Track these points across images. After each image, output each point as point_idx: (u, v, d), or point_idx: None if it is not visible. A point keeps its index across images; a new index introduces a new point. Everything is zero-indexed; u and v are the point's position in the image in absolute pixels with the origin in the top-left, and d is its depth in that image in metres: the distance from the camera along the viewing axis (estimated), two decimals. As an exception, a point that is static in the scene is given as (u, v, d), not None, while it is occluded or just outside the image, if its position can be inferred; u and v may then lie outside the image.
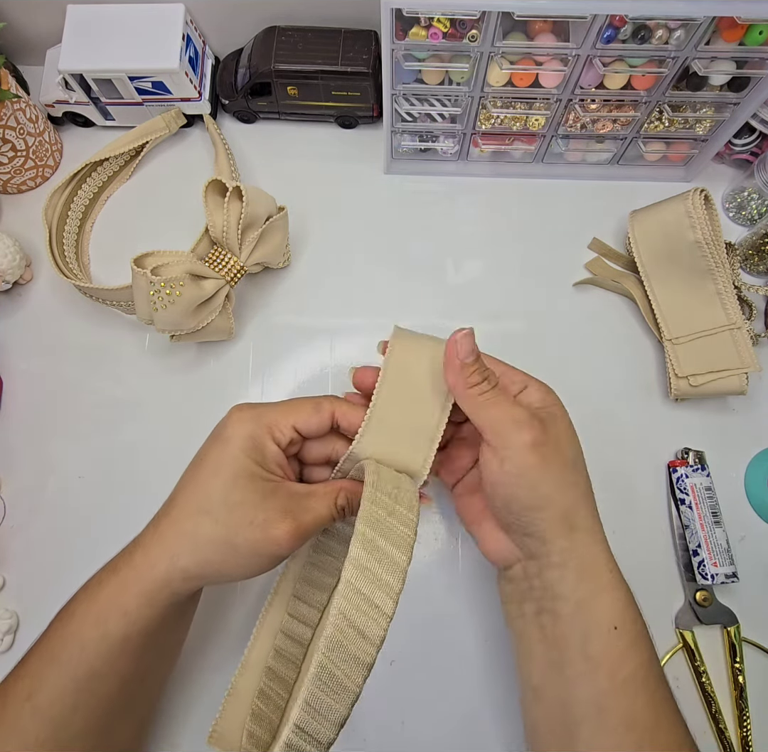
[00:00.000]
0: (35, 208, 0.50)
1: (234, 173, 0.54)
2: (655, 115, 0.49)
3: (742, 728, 0.42)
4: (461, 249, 0.54)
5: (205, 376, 0.50)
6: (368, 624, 0.24)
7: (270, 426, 0.34)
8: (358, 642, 0.23)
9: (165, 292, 0.42)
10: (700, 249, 0.47)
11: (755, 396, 0.49)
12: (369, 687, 0.43)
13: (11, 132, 0.49)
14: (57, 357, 0.51)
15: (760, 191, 0.52)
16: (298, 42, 0.51)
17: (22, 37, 0.55)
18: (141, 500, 0.47)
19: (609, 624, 0.32)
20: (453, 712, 0.43)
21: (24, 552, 0.46)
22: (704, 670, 0.43)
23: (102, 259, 0.54)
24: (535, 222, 0.54)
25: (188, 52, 0.51)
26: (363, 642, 0.23)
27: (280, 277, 0.53)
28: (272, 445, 0.34)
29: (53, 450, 0.49)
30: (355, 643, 0.23)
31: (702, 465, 0.46)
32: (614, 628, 0.32)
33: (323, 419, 0.35)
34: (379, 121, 0.52)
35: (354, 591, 0.24)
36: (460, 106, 0.48)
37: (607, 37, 0.41)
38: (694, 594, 0.44)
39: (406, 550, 0.26)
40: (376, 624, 0.24)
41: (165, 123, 0.54)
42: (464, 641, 0.44)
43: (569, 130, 0.51)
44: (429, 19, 0.41)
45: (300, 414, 0.35)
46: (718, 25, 0.40)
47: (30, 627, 0.44)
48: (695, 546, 0.44)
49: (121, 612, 0.32)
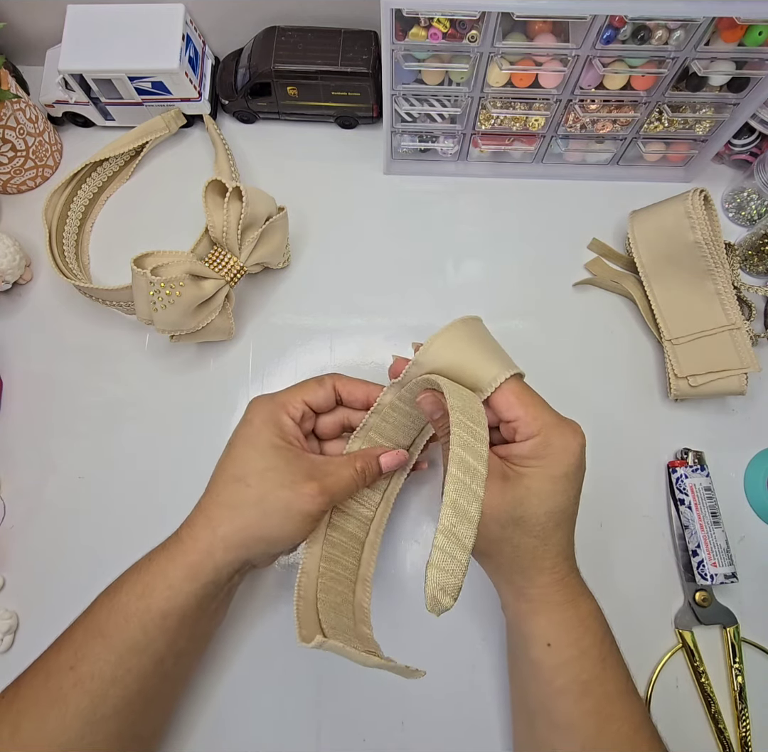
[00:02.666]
0: (35, 208, 0.50)
1: (234, 173, 0.54)
2: (654, 115, 0.49)
3: (741, 728, 0.42)
4: (461, 249, 0.54)
5: (205, 376, 0.50)
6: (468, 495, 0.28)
7: (284, 403, 0.39)
8: (469, 496, 0.28)
9: (165, 292, 0.42)
10: (700, 249, 0.47)
11: (755, 397, 0.49)
12: (369, 687, 0.43)
13: (11, 132, 0.49)
14: (57, 357, 0.51)
15: (759, 191, 0.52)
16: (298, 42, 0.51)
17: (22, 37, 0.55)
18: (141, 500, 0.47)
19: (543, 640, 0.36)
20: (453, 712, 0.43)
21: (24, 552, 0.46)
22: (704, 670, 0.43)
23: (102, 259, 0.54)
24: (534, 222, 0.54)
25: (188, 52, 0.51)
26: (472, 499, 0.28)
27: (280, 277, 0.53)
28: (288, 419, 0.38)
29: (53, 450, 0.49)
30: (467, 495, 0.28)
31: (701, 466, 0.46)
32: (548, 645, 0.36)
33: (327, 391, 0.40)
34: (379, 121, 0.52)
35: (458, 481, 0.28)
36: (460, 106, 0.48)
37: (607, 38, 0.41)
38: (693, 594, 0.45)
39: (484, 463, 0.29)
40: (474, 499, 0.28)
41: (165, 123, 0.54)
42: (464, 640, 0.44)
43: (569, 131, 0.51)
44: (429, 20, 0.41)
45: (307, 390, 0.40)
46: (718, 26, 0.40)
47: (30, 627, 0.44)
48: (695, 547, 0.44)
49: (166, 585, 0.34)
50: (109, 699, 0.34)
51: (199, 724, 0.43)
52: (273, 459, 0.36)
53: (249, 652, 0.44)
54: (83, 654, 0.34)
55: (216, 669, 0.43)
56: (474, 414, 0.31)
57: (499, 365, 0.36)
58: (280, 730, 0.43)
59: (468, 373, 0.35)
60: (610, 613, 0.45)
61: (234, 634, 0.44)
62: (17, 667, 0.35)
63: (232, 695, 0.43)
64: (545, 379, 0.50)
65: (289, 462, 0.37)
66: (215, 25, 0.54)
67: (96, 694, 0.33)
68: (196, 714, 0.43)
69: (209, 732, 0.42)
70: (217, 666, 0.43)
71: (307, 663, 0.44)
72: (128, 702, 0.34)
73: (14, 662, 0.41)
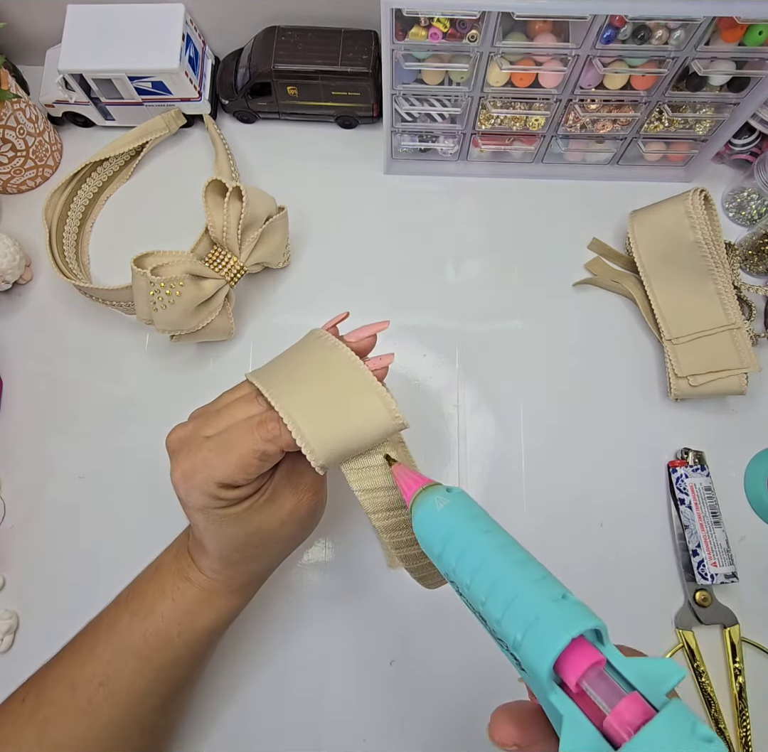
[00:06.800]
0: (35, 208, 0.50)
1: (234, 173, 0.54)
2: (655, 115, 0.49)
3: (741, 728, 0.42)
4: (461, 249, 0.54)
5: (205, 375, 0.50)
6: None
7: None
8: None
9: (165, 292, 0.42)
10: (700, 249, 0.47)
11: (755, 397, 0.49)
12: (369, 687, 0.43)
13: (11, 132, 0.49)
14: (57, 357, 0.51)
15: (759, 191, 0.52)
16: (298, 42, 0.51)
17: (22, 37, 0.55)
18: (141, 500, 0.47)
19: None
20: (453, 712, 0.43)
21: (24, 552, 0.46)
22: (704, 670, 0.43)
23: (102, 259, 0.54)
24: (534, 222, 0.54)
25: (188, 52, 0.51)
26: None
27: (280, 277, 0.53)
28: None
29: (53, 450, 0.49)
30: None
31: (702, 466, 0.46)
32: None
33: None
34: (379, 121, 0.52)
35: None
36: (460, 106, 0.48)
37: (607, 38, 0.41)
38: (693, 594, 0.45)
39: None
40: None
41: (165, 123, 0.54)
42: (464, 640, 0.44)
43: (569, 130, 0.51)
44: (429, 19, 0.41)
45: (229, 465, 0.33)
46: (718, 26, 0.40)
47: (30, 627, 0.45)
48: (695, 546, 0.44)
49: (212, 609, 0.36)
50: (145, 706, 0.34)
51: (199, 724, 0.43)
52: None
53: (249, 652, 0.44)
54: (115, 673, 0.33)
55: (216, 669, 0.43)
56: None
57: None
58: (281, 730, 0.43)
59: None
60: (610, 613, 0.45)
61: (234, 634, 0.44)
62: (17, 667, 0.35)
63: (232, 695, 0.43)
64: (545, 379, 0.50)
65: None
66: (215, 25, 0.54)
67: (131, 705, 0.34)
68: (195, 714, 0.43)
69: (209, 732, 0.43)
70: (217, 665, 0.43)
71: (307, 662, 0.44)
72: (164, 703, 0.35)
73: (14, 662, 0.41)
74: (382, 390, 0.31)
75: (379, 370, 0.33)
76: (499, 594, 0.23)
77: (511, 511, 0.47)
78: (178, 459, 0.32)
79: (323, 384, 0.32)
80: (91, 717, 0.33)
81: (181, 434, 0.33)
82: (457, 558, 0.25)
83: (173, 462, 0.32)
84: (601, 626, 0.21)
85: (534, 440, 0.48)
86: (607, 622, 0.21)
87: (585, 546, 0.46)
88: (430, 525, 0.27)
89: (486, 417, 0.49)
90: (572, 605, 0.21)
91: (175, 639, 0.34)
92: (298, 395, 0.31)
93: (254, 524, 0.33)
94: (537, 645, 0.21)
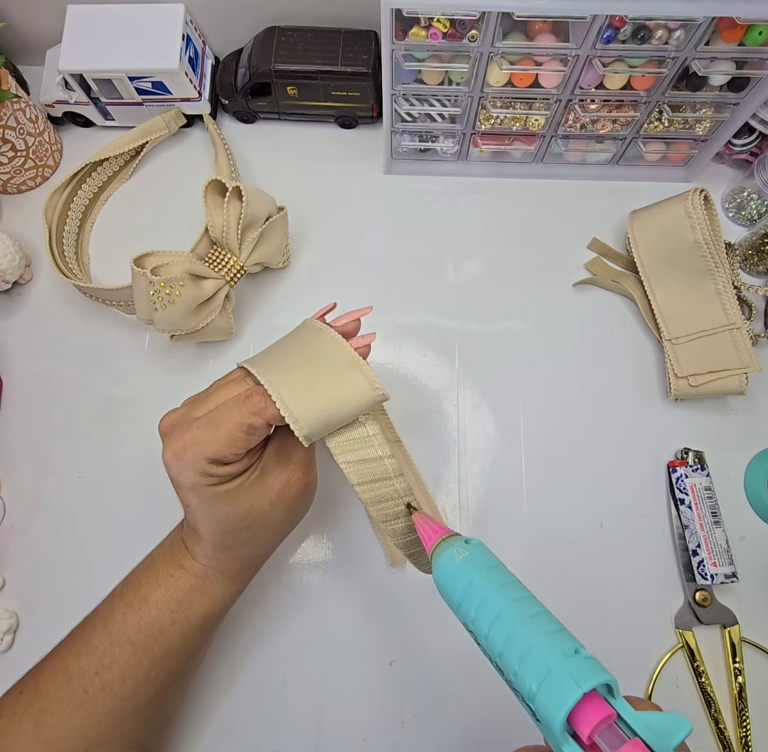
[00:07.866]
0: (35, 208, 0.50)
1: (234, 173, 0.54)
2: (654, 115, 0.49)
3: (741, 728, 0.42)
4: (461, 249, 0.54)
5: (205, 375, 0.50)
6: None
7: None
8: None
9: (165, 292, 0.42)
10: (700, 249, 0.47)
11: (755, 397, 0.49)
12: (369, 687, 0.43)
13: (11, 132, 0.49)
14: (57, 357, 0.51)
15: (759, 191, 0.52)
16: (298, 42, 0.51)
17: (22, 37, 0.55)
18: (140, 500, 0.47)
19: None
20: (453, 712, 0.43)
21: (24, 552, 0.46)
22: (704, 670, 0.43)
23: (102, 259, 0.54)
24: (535, 222, 0.54)
25: (188, 52, 0.51)
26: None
27: (280, 277, 0.53)
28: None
29: (53, 450, 0.49)
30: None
31: (702, 466, 0.46)
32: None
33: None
34: (379, 121, 0.52)
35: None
36: (460, 106, 0.48)
37: (607, 38, 0.41)
38: (693, 594, 0.45)
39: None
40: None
41: (165, 123, 0.54)
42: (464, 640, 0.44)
43: (569, 131, 0.51)
44: (429, 20, 0.41)
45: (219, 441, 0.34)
46: (718, 26, 0.40)
47: (30, 627, 0.45)
48: (695, 546, 0.44)
49: (206, 597, 0.35)
50: (140, 696, 0.34)
51: (198, 724, 0.43)
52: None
53: (248, 652, 0.44)
54: (110, 662, 0.34)
55: (214, 668, 0.43)
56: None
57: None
58: (281, 730, 0.43)
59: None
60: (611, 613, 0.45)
61: (233, 633, 0.44)
62: (17, 667, 0.35)
63: (231, 695, 0.43)
64: (545, 379, 0.50)
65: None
66: (215, 25, 0.54)
67: (126, 694, 0.34)
68: (194, 714, 0.43)
69: (209, 731, 0.43)
70: (216, 665, 0.43)
71: (307, 662, 0.44)
72: (159, 694, 0.35)
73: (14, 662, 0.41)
74: (363, 364, 0.32)
75: (361, 348, 0.34)
76: (514, 647, 0.24)
77: (511, 511, 0.47)
78: (169, 440, 0.33)
79: (308, 361, 0.33)
80: (87, 707, 0.33)
81: (173, 417, 0.34)
82: (476, 609, 0.26)
83: (164, 444, 0.33)
84: (612, 681, 0.22)
85: (534, 440, 0.48)
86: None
87: (585, 546, 0.46)
88: (450, 576, 0.28)
89: (486, 417, 0.49)
90: (584, 660, 0.23)
91: (169, 627, 0.34)
92: (283, 370, 0.33)
93: (245, 503, 0.34)
94: (551, 699, 0.22)
